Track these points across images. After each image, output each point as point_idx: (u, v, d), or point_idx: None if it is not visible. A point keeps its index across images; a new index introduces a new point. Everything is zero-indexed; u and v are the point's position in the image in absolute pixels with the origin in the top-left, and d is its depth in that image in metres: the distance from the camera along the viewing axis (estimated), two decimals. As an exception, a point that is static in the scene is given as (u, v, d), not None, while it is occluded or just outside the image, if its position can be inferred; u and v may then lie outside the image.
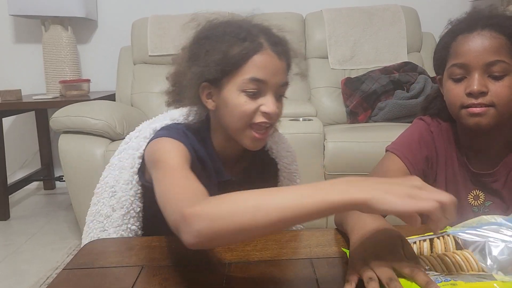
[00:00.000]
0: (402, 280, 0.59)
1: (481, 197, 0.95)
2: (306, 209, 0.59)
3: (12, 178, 2.79)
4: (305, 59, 0.94)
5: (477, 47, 0.85)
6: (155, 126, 0.99)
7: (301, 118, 2.07)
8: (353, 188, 0.58)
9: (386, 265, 0.61)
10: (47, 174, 2.99)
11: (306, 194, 0.60)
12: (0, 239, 2.25)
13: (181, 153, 0.85)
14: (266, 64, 0.87)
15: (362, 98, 2.35)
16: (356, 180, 0.60)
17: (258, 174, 1.04)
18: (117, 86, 2.67)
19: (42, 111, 2.90)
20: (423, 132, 1.00)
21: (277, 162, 1.07)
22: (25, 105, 2.51)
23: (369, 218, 0.72)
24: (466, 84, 0.87)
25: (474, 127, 0.87)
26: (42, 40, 2.74)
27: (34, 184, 3.02)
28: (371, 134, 1.99)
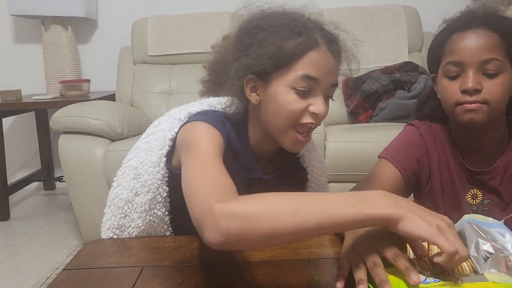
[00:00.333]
0: (391, 277, 0.59)
1: (479, 196, 0.96)
2: (343, 219, 0.59)
3: (12, 178, 2.79)
4: (358, 61, 0.91)
5: (472, 45, 0.86)
6: (191, 110, 0.92)
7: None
8: (388, 203, 0.59)
9: (372, 250, 0.62)
10: (47, 174, 2.99)
11: (346, 204, 0.59)
12: (0, 240, 2.25)
13: (215, 141, 0.81)
14: (321, 62, 0.83)
15: (363, 98, 2.35)
16: (392, 196, 0.61)
17: (287, 178, 1.00)
18: (117, 86, 2.66)
19: (42, 111, 2.90)
20: (412, 135, 1.02)
21: (307, 171, 1.03)
22: (25, 105, 2.51)
23: None
24: (461, 81, 0.87)
25: (468, 123, 0.88)
26: (42, 40, 2.74)
27: (34, 184, 3.02)
28: (372, 134, 1.99)
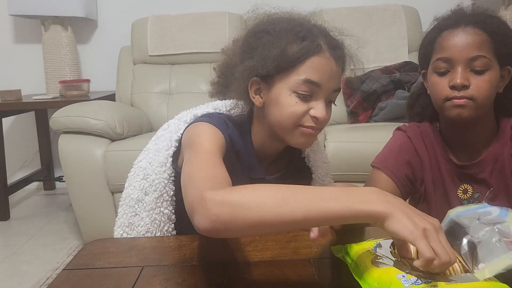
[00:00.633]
0: (382, 276, 0.60)
1: (469, 190, 0.98)
2: (330, 212, 0.59)
3: (12, 178, 2.79)
4: (363, 65, 0.94)
5: (461, 42, 0.90)
6: (197, 112, 0.97)
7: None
8: (378, 200, 0.59)
9: None
10: (47, 174, 2.98)
11: (334, 197, 0.60)
12: (0, 240, 2.25)
13: (217, 140, 0.84)
14: (323, 67, 0.85)
15: (363, 98, 2.35)
16: (383, 193, 0.61)
17: (291, 178, 1.01)
18: (117, 86, 2.66)
19: (42, 111, 2.90)
20: (401, 139, 1.05)
21: (312, 171, 1.05)
22: (25, 105, 2.51)
23: None
24: (450, 77, 0.91)
25: (456, 118, 0.91)
26: (42, 40, 2.74)
27: (34, 184, 3.02)
28: (372, 134, 1.99)
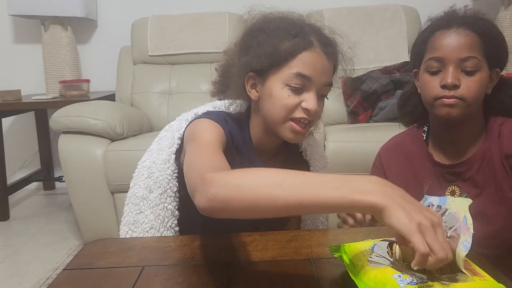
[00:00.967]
0: (378, 276, 0.60)
1: (457, 191, 1.01)
2: (325, 200, 0.59)
3: (11, 178, 2.79)
4: (353, 64, 0.97)
5: (453, 43, 0.93)
6: (197, 111, 1.02)
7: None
8: (376, 191, 0.58)
9: None
10: (47, 174, 2.98)
11: (330, 185, 0.60)
12: (0, 240, 2.25)
13: (217, 133, 0.87)
14: (314, 62, 0.89)
15: (363, 98, 2.35)
16: (383, 183, 0.60)
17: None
18: (117, 86, 2.66)
19: (41, 111, 2.90)
20: (374, 161, 1.12)
21: (309, 164, 1.07)
22: (24, 105, 2.51)
23: None
24: (441, 76, 0.94)
25: (446, 117, 0.94)
26: (42, 40, 2.73)
27: (34, 184, 3.02)
28: (372, 134, 1.99)
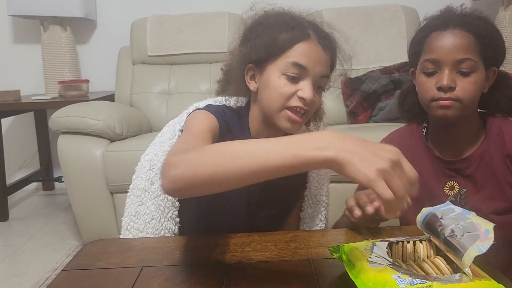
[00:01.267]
0: (377, 276, 0.60)
1: (456, 186, 1.01)
2: (277, 161, 0.60)
3: (11, 179, 2.79)
4: (351, 61, 0.99)
5: (448, 45, 0.93)
6: (198, 105, 1.06)
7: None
8: (328, 146, 0.58)
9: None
10: (46, 174, 2.98)
11: (284, 147, 0.61)
12: (-1, 240, 2.25)
13: (208, 122, 0.91)
14: (310, 52, 0.91)
15: (362, 98, 2.35)
16: (339, 137, 0.60)
17: None
18: (116, 87, 2.66)
19: (41, 112, 2.90)
20: None
21: None
22: (24, 105, 2.51)
23: None
24: (437, 78, 0.94)
25: (442, 118, 0.95)
26: (41, 40, 2.73)
27: (33, 184, 3.02)
28: (371, 135, 1.98)
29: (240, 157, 0.62)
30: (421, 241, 0.70)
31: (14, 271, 1.90)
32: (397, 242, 0.70)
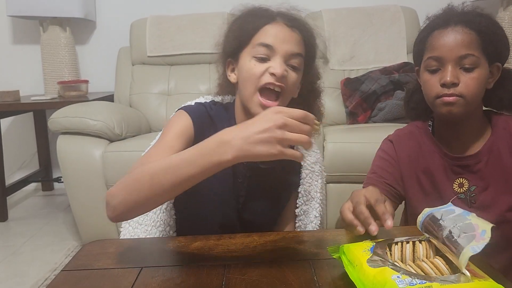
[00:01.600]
0: (377, 276, 0.60)
1: (465, 184, 1.01)
2: (197, 170, 0.72)
3: (10, 179, 2.78)
4: (325, 42, 1.03)
5: (450, 42, 0.94)
6: (187, 103, 1.07)
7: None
8: (227, 150, 0.69)
9: (360, 196, 0.78)
10: (46, 175, 2.98)
11: (191, 161, 0.73)
12: (-2, 241, 2.25)
13: (181, 127, 0.94)
14: (276, 32, 0.94)
15: (362, 98, 2.35)
16: (228, 139, 0.70)
17: (278, 160, 1.05)
18: (115, 87, 2.66)
19: (40, 112, 2.90)
20: (383, 147, 1.10)
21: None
22: (23, 106, 2.51)
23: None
24: (441, 75, 0.95)
25: (447, 115, 0.95)
26: (41, 41, 2.73)
27: (33, 185, 3.01)
28: (371, 135, 1.99)
29: (168, 173, 0.73)
30: (420, 241, 0.70)
31: (13, 272, 1.90)
32: (396, 243, 0.70)
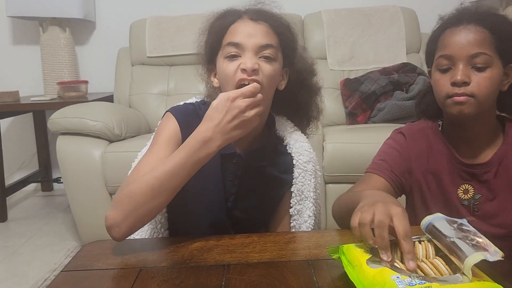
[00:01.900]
0: (377, 276, 0.60)
1: (470, 190, 0.99)
2: (188, 170, 0.83)
3: (10, 179, 2.78)
4: (289, 23, 1.04)
5: (462, 40, 0.91)
6: (178, 104, 1.10)
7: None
8: (211, 144, 0.82)
9: (385, 214, 0.67)
10: (45, 175, 2.98)
11: (184, 163, 0.82)
12: (-2, 241, 2.24)
13: (169, 131, 0.98)
14: (241, 29, 0.96)
15: (361, 99, 2.35)
16: (207, 135, 0.82)
17: (270, 158, 1.05)
18: (115, 88, 2.66)
19: (40, 113, 2.89)
20: (396, 139, 1.07)
21: (293, 157, 1.08)
22: (23, 106, 2.51)
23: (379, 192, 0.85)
24: (451, 74, 0.92)
25: (458, 115, 0.92)
26: (40, 41, 2.73)
27: (32, 185, 3.01)
28: (370, 135, 1.99)
29: (166, 180, 0.82)
30: (420, 242, 0.70)
31: (13, 272, 1.90)
32: (396, 243, 0.70)
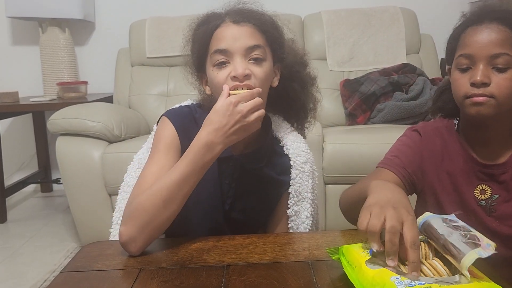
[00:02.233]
0: (376, 277, 0.60)
1: (487, 191, 0.97)
2: (194, 177, 0.84)
3: (9, 180, 2.78)
4: (274, 19, 1.02)
5: (483, 39, 0.88)
6: (173, 107, 1.10)
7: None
8: (214, 148, 0.83)
9: (397, 219, 0.65)
10: (45, 176, 2.98)
11: (191, 170, 0.83)
12: (-3, 242, 2.24)
13: (167, 136, 0.98)
14: (225, 34, 0.94)
15: (361, 99, 2.35)
16: (210, 139, 0.83)
17: (267, 160, 1.05)
18: (114, 88, 2.66)
19: (39, 113, 2.89)
20: (411, 136, 1.04)
21: (290, 158, 1.08)
22: (22, 107, 2.51)
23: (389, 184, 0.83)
24: (471, 74, 0.89)
25: (476, 116, 0.90)
26: (40, 42, 2.73)
27: (32, 186, 3.01)
28: (370, 136, 1.99)
29: (176, 190, 0.83)
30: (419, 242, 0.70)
31: (12, 273, 1.90)
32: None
